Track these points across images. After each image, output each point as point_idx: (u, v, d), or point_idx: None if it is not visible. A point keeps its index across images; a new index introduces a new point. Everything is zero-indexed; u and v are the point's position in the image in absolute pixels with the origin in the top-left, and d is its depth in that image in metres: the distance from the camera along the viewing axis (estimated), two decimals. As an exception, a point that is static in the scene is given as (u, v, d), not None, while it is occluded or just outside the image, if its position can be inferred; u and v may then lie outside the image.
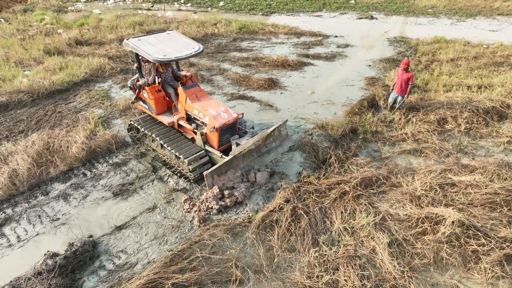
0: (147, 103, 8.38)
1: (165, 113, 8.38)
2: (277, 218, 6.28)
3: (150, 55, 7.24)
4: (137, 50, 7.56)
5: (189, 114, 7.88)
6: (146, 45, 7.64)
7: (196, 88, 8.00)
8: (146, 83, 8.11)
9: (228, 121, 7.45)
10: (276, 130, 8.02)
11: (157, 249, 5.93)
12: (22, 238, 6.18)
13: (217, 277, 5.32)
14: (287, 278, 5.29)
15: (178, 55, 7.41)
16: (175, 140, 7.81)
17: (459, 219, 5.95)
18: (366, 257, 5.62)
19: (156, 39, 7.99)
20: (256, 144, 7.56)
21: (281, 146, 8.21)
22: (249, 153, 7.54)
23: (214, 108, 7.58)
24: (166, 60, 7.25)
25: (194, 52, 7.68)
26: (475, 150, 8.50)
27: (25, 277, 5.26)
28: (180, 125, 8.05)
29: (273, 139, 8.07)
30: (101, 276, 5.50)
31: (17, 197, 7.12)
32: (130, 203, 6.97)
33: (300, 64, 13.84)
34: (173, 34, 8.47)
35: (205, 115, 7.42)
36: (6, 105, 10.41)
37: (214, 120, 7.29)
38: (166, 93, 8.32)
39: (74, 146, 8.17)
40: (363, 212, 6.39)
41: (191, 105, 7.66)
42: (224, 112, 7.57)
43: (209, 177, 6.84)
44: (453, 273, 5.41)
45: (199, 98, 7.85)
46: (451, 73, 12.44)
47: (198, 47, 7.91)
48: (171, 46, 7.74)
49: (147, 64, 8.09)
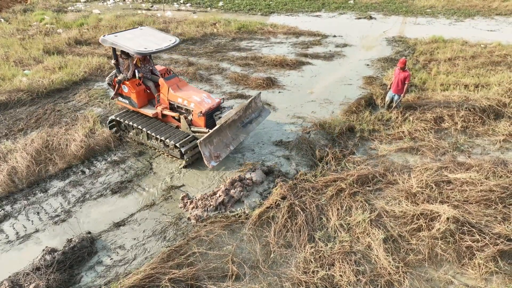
0: (127, 98, 8.55)
1: (146, 106, 8.63)
2: (274, 215, 6.33)
3: (131, 49, 7.43)
4: (117, 46, 7.71)
5: (172, 104, 8.23)
6: (125, 40, 7.85)
7: (176, 79, 8.39)
8: (125, 78, 8.29)
9: (212, 105, 7.96)
10: (252, 102, 8.61)
11: (155, 245, 5.98)
12: (21, 234, 6.23)
13: (214, 272, 5.37)
14: (283, 274, 5.34)
15: (158, 47, 7.69)
16: (162, 129, 8.10)
17: (454, 215, 6.00)
18: (361, 253, 5.67)
19: (132, 35, 8.22)
20: (238, 114, 8.06)
21: (260, 116, 8.88)
22: (234, 123, 8.04)
23: (197, 94, 8.05)
24: (148, 52, 7.49)
25: (172, 44, 8.02)
26: (471, 148, 8.55)
27: (23, 273, 5.32)
28: (163, 115, 8.38)
29: (251, 111, 8.69)
30: (98, 271, 5.56)
31: (16, 194, 7.17)
32: (128, 200, 7.02)
33: (299, 63, 13.90)
34: (146, 29, 8.75)
35: (190, 102, 7.83)
36: (6, 104, 10.47)
37: (200, 105, 7.73)
38: (146, 87, 8.56)
39: (73, 144, 8.23)
40: (359, 209, 6.44)
41: (174, 94, 8.03)
42: (207, 98, 8.09)
43: (202, 145, 7.14)
44: (448, 268, 5.47)
45: (181, 87, 8.27)
46: (449, 72, 12.49)
47: (174, 39, 8.24)
48: (149, 40, 8.01)
49: (125, 60, 8.28)
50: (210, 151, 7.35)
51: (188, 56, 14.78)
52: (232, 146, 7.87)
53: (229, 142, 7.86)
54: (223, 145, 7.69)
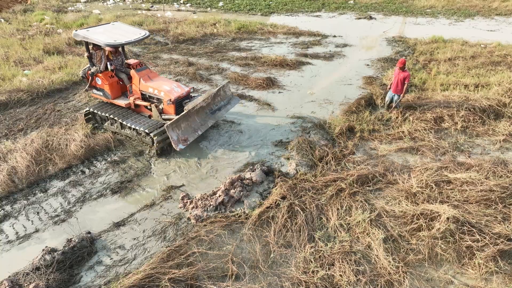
0: (101, 90, 8.87)
1: (119, 97, 8.99)
2: (274, 215, 6.33)
3: (101, 41, 7.81)
4: (88, 39, 8.05)
5: (144, 94, 8.65)
6: (96, 34, 8.21)
7: (147, 70, 8.78)
8: (98, 70, 8.62)
9: (182, 94, 8.43)
10: (221, 90, 9.16)
11: (155, 245, 5.97)
12: (21, 234, 6.23)
13: (214, 272, 5.37)
14: (283, 274, 5.34)
15: (127, 40, 8.10)
16: (134, 118, 8.50)
17: (454, 215, 6.00)
18: (361, 253, 5.67)
19: (103, 29, 8.58)
20: (206, 102, 8.55)
21: (229, 104, 9.39)
22: (202, 110, 8.54)
23: (167, 84, 8.53)
24: (117, 44, 7.90)
25: (142, 37, 8.43)
26: (471, 148, 8.55)
27: (23, 272, 5.32)
28: (136, 106, 8.81)
29: (220, 98, 9.20)
30: (98, 271, 5.55)
31: (16, 194, 7.17)
32: (128, 200, 7.02)
33: (299, 63, 13.91)
34: (118, 25, 9.08)
35: (160, 91, 8.30)
36: (6, 104, 10.47)
37: (169, 94, 8.22)
38: (119, 79, 8.92)
39: (73, 144, 8.22)
40: (359, 209, 6.44)
41: (145, 84, 8.45)
42: (177, 87, 8.57)
43: (170, 129, 7.58)
44: (448, 268, 5.47)
45: (151, 78, 8.70)
46: (449, 72, 12.49)
47: (144, 33, 8.66)
48: (120, 33, 8.40)
49: (98, 52, 8.63)
50: (178, 135, 7.82)
51: (188, 56, 14.78)
52: (200, 131, 8.37)
53: (197, 127, 8.37)
54: (191, 130, 8.18)
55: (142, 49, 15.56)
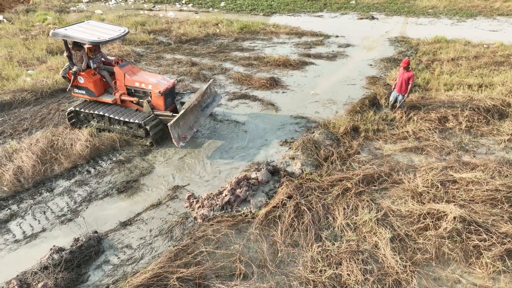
0: (84, 88, 8.86)
1: (103, 94, 9.05)
2: (280, 214, 6.34)
3: (85, 39, 7.89)
4: (69, 38, 8.06)
5: (129, 89, 8.82)
6: (76, 32, 8.22)
7: (130, 66, 8.94)
8: (79, 69, 8.61)
9: (168, 85, 8.73)
10: (208, 88, 9.49)
11: (162, 244, 5.98)
12: (28, 233, 6.24)
13: (221, 271, 5.38)
14: (291, 273, 5.35)
15: (111, 37, 8.18)
16: (123, 113, 8.64)
17: (461, 215, 6.01)
18: (368, 252, 5.67)
19: (81, 27, 8.59)
20: (198, 100, 8.90)
21: (214, 101, 9.72)
22: (194, 107, 8.80)
23: (153, 77, 8.80)
24: (101, 41, 7.98)
25: (123, 33, 8.57)
26: (476, 148, 8.55)
27: (31, 271, 5.33)
28: (122, 101, 8.93)
29: (207, 96, 9.52)
30: (106, 270, 5.57)
31: (22, 193, 7.18)
32: (134, 200, 7.03)
33: (302, 63, 13.91)
34: (93, 22, 9.11)
35: (148, 84, 8.51)
36: (10, 104, 10.48)
37: (157, 86, 8.47)
38: (101, 76, 8.97)
39: (78, 144, 8.24)
40: (365, 208, 6.45)
41: (131, 79, 8.62)
42: (162, 79, 8.83)
43: (172, 128, 7.83)
44: (455, 267, 5.48)
45: (135, 72, 8.87)
46: (452, 72, 12.49)
47: (124, 29, 8.78)
48: (99, 31, 8.44)
49: (78, 51, 8.61)
50: (178, 133, 8.08)
51: (191, 56, 14.79)
52: (195, 128, 8.71)
53: (192, 124, 8.66)
54: (188, 128, 8.48)
55: (145, 49, 15.57)
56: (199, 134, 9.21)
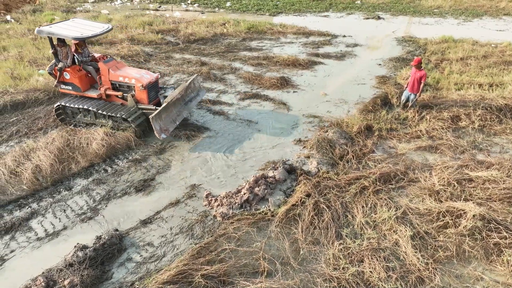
0: (70, 84, 9.15)
1: (89, 89, 9.35)
2: (300, 212, 6.38)
3: (68, 36, 8.20)
4: (54, 34, 8.39)
5: (114, 83, 9.09)
6: (60, 29, 8.53)
7: (114, 61, 9.23)
8: (65, 65, 8.89)
9: (152, 79, 8.97)
10: (192, 83, 9.72)
11: (183, 242, 6.03)
12: (50, 231, 6.29)
13: (245, 269, 5.42)
14: (314, 270, 5.39)
15: (93, 33, 8.49)
16: (107, 107, 8.88)
17: (480, 213, 6.04)
18: (389, 250, 5.71)
19: (66, 25, 8.90)
20: (181, 94, 9.15)
21: (198, 96, 10.01)
22: (177, 101, 9.06)
23: (136, 72, 9.07)
24: (84, 37, 8.31)
25: (106, 30, 8.86)
26: (490, 146, 8.59)
27: (56, 269, 5.38)
28: (108, 96, 9.17)
29: (191, 91, 9.77)
30: (129, 268, 5.61)
31: (41, 192, 7.24)
32: (152, 198, 7.08)
33: (311, 63, 13.95)
34: (78, 20, 9.42)
35: (131, 78, 8.77)
36: (24, 103, 10.53)
37: (140, 80, 8.72)
38: (86, 72, 9.24)
39: (94, 143, 8.28)
40: (384, 206, 6.48)
41: (115, 74, 8.89)
42: (146, 73, 9.11)
43: (154, 120, 8.10)
44: (476, 265, 5.51)
45: (119, 68, 9.15)
46: (462, 72, 12.52)
47: (107, 26, 9.08)
48: (84, 28, 8.79)
49: (63, 48, 8.91)
50: (160, 125, 8.33)
51: (200, 56, 14.84)
52: (178, 121, 8.93)
53: (175, 118, 8.91)
54: (170, 120, 8.74)
55: (153, 49, 15.62)
56: (214, 133, 9.26)
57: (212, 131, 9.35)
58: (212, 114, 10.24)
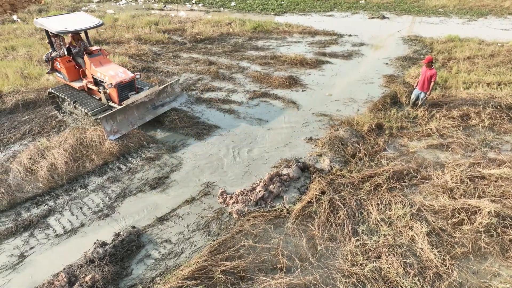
0: (61, 73, 9.69)
1: (77, 80, 9.73)
2: (316, 209, 6.43)
3: (52, 29, 8.54)
4: (42, 26, 8.86)
5: (95, 78, 9.29)
6: (52, 22, 8.92)
7: (101, 57, 9.43)
8: (57, 55, 9.38)
9: (125, 79, 8.94)
10: (169, 87, 9.61)
11: (200, 239, 6.08)
12: (68, 228, 6.35)
13: (263, 265, 5.47)
14: (332, 266, 5.44)
15: (77, 28, 8.78)
16: (83, 100, 9.18)
17: (495, 210, 6.08)
18: (406, 246, 5.76)
19: (63, 18, 9.33)
20: (149, 98, 9.04)
21: (175, 101, 9.82)
22: (143, 105, 9.01)
23: (113, 70, 9.13)
24: (65, 32, 8.62)
25: (93, 25, 9.07)
26: (501, 145, 8.62)
27: (77, 265, 5.44)
28: (89, 88, 9.49)
29: (166, 95, 9.64)
30: (148, 264, 5.67)
31: (57, 190, 7.30)
32: (168, 196, 7.14)
33: (318, 62, 14.01)
34: (79, 14, 9.81)
35: (105, 75, 8.92)
36: (35, 102, 10.61)
37: (112, 78, 8.81)
38: (77, 63, 9.61)
39: (107, 141, 8.35)
40: (399, 204, 6.53)
41: (94, 69, 9.13)
42: (122, 73, 9.10)
43: (103, 121, 8.20)
44: (493, 261, 5.55)
45: (102, 64, 9.31)
46: (469, 71, 12.56)
47: (98, 21, 9.31)
48: (75, 22, 9.09)
49: (56, 39, 9.39)
50: (111, 126, 8.37)
51: (208, 55, 14.90)
52: (137, 125, 8.86)
53: (135, 121, 8.85)
54: (128, 123, 8.69)
55: (161, 48, 15.69)
56: (225, 131, 9.32)
57: (223, 129, 9.40)
58: (222, 112, 10.30)
